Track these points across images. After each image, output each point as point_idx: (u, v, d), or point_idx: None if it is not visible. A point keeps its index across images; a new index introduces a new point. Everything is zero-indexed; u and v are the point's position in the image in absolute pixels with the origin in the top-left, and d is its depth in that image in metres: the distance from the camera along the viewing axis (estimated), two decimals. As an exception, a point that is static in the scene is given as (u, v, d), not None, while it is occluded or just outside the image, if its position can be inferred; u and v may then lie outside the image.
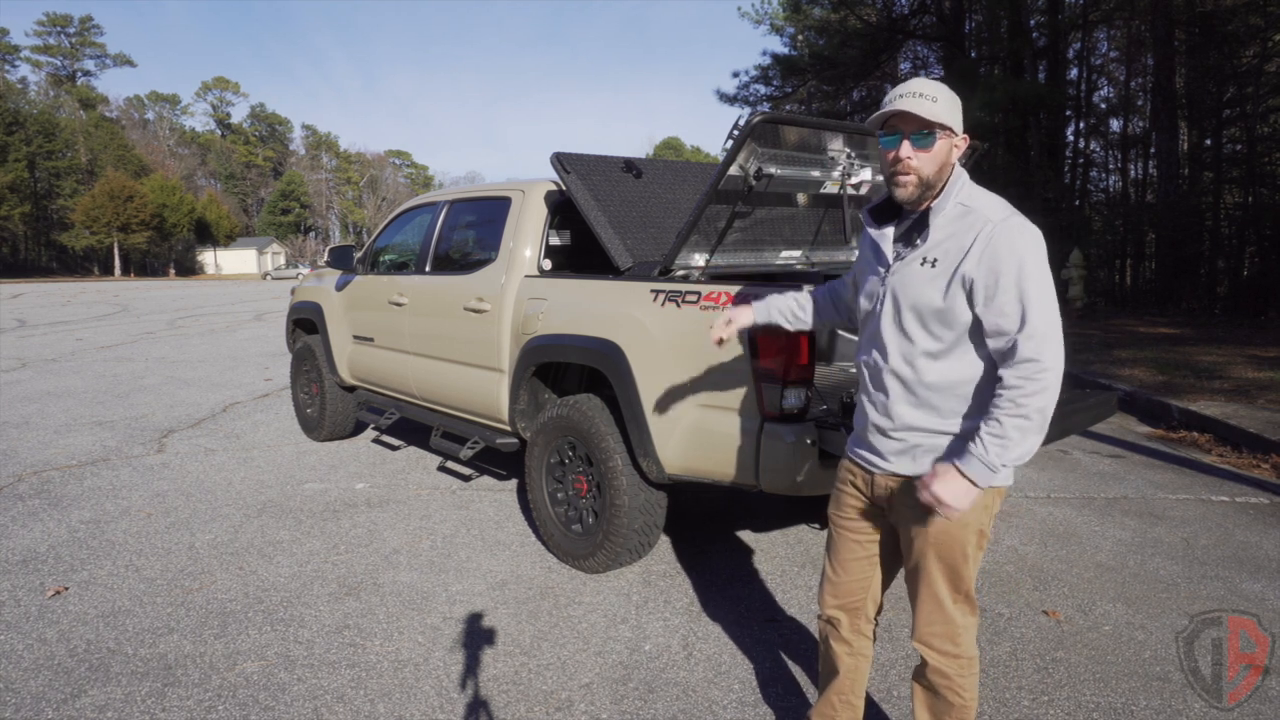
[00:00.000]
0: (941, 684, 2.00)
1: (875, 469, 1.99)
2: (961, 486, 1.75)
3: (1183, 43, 17.47)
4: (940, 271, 1.79)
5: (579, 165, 3.99)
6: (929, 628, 1.99)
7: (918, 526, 1.92)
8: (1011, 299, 1.72)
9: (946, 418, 1.86)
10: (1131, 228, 18.91)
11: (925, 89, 1.80)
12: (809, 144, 3.65)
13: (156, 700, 2.69)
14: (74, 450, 5.95)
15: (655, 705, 2.66)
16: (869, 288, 1.98)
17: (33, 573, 3.73)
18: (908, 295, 1.84)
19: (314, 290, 6.12)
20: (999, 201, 1.84)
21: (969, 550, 1.91)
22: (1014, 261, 1.72)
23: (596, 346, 3.53)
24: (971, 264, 1.74)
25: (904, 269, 1.86)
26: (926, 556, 1.93)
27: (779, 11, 22.95)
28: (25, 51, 79.29)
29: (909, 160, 1.80)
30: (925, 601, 1.98)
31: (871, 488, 2.01)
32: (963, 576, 1.93)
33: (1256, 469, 5.35)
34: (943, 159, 1.81)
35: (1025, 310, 1.71)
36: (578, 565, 3.72)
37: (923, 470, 1.88)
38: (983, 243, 1.74)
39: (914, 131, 1.79)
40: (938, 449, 1.88)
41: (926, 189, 1.83)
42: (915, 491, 1.86)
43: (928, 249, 1.83)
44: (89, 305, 23.63)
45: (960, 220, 1.80)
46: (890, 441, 1.93)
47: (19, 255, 65.08)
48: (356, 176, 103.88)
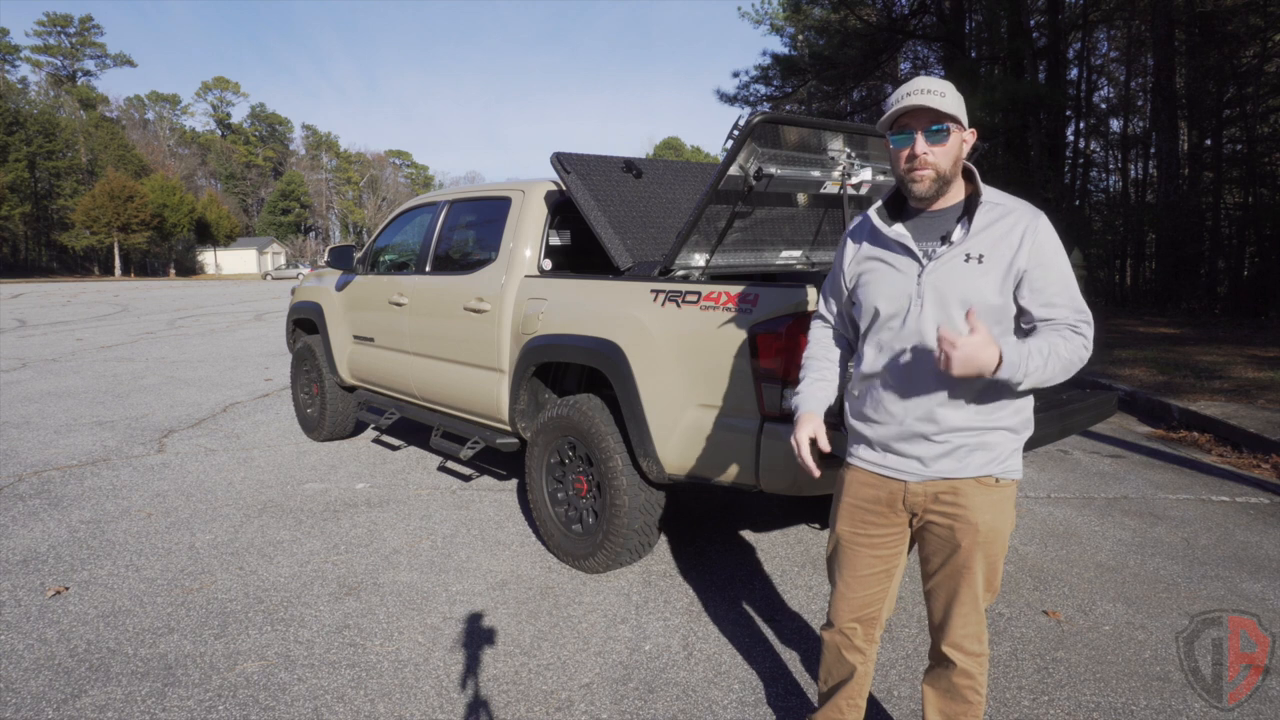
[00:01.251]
0: (965, 685, 1.99)
1: (910, 478, 1.92)
2: (987, 355, 1.66)
3: (1183, 43, 17.47)
4: (989, 267, 1.79)
5: (579, 165, 3.99)
6: (964, 629, 1.96)
7: (965, 529, 1.88)
8: (1059, 290, 1.80)
9: (991, 413, 1.85)
10: (1132, 228, 18.89)
11: (933, 85, 1.80)
12: (809, 144, 3.65)
13: (156, 700, 2.69)
14: (74, 450, 5.95)
15: (655, 705, 2.66)
16: (890, 289, 1.89)
17: (33, 573, 3.73)
18: (955, 291, 1.80)
19: (314, 290, 6.12)
20: (1020, 199, 1.88)
21: (1007, 544, 1.95)
22: (1058, 256, 1.81)
23: (596, 346, 3.53)
24: (1024, 259, 1.78)
25: (943, 266, 1.82)
26: (974, 556, 1.90)
27: (779, 11, 22.97)
28: (25, 51, 79.50)
29: (925, 155, 1.80)
30: (964, 603, 1.94)
31: (904, 498, 1.94)
32: (998, 571, 1.96)
33: (1257, 469, 5.35)
34: (956, 153, 1.83)
35: (1072, 298, 1.81)
36: (578, 565, 3.72)
37: (967, 471, 1.87)
38: (1030, 238, 1.79)
39: (928, 126, 1.80)
40: (983, 445, 1.86)
41: (944, 184, 1.84)
42: (961, 494, 1.87)
43: (970, 245, 1.81)
44: (89, 305, 23.63)
45: (1000, 218, 1.82)
46: (932, 445, 1.87)
47: (19, 255, 65.08)
48: (356, 176, 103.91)
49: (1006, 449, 1.88)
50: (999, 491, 1.89)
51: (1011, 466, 1.90)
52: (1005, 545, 1.93)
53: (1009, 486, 1.91)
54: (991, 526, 1.88)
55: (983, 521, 1.87)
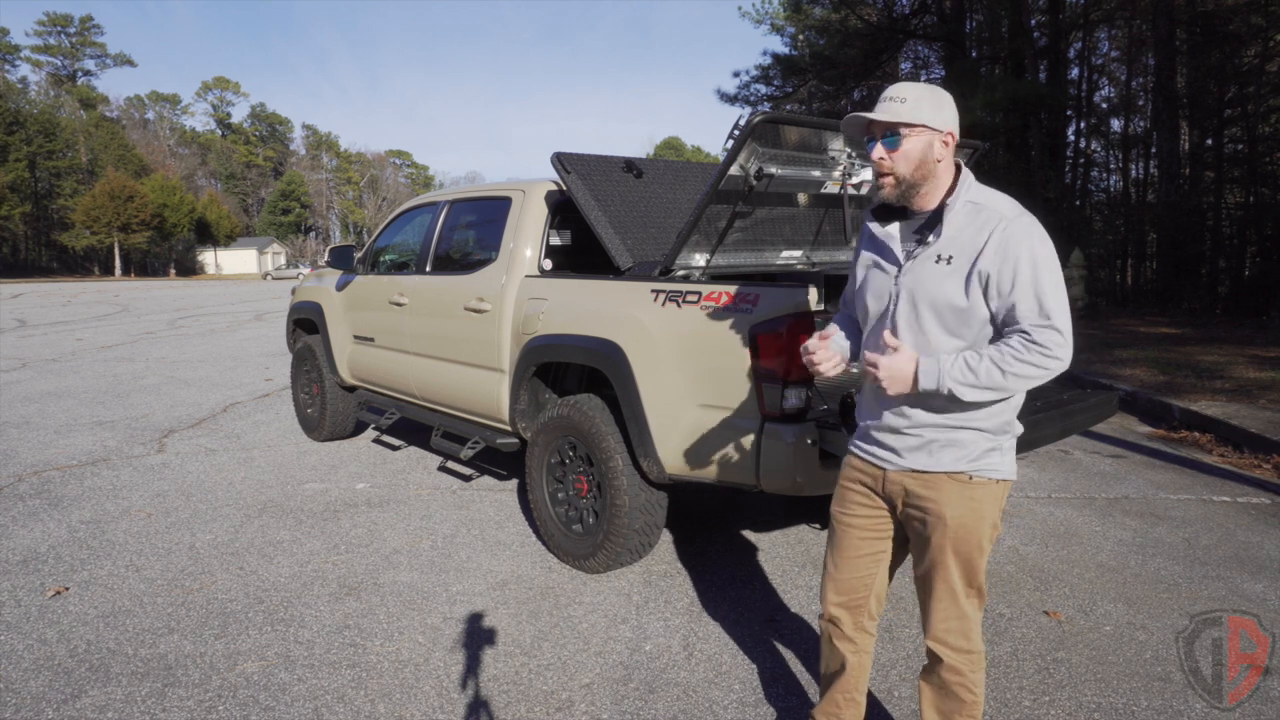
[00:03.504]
0: (954, 681, 2.01)
1: (888, 465, 1.99)
2: (905, 369, 1.80)
3: (1184, 42, 17.46)
4: (956, 268, 1.82)
5: (579, 165, 3.99)
6: (944, 624, 2.00)
7: (935, 522, 1.93)
8: (1028, 295, 1.76)
9: (961, 412, 1.88)
10: (1132, 227, 18.89)
11: (895, 93, 1.86)
12: (809, 144, 3.65)
13: (156, 700, 2.69)
14: (74, 450, 5.95)
15: (655, 705, 2.65)
16: (876, 287, 1.97)
17: (33, 573, 3.73)
18: (924, 292, 1.86)
19: (314, 290, 6.12)
20: (1009, 200, 1.88)
21: (984, 543, 1.94)
22: (1029, 258, 1.76)
23: (597, 346, 3.53)
24: (987, 260, 1.78)
25: (917, 267, 1.88)
26: (944, 551, 1.94)
27: (780, 11, 22.96)
28: (25, 51, 79.42)
29: (882, 161, 1.87)
30: (941, 598, 1.99)
31: (883, 484, 2.02)
32: (977, 569, 1.96)
33: (1258, 469, 5.35)
34: (918, 157, 1.85)
35: (1042, 304, 1.76)
36: (578, 565, 3.72)
37: (939, 466, 1.91)
38: (998, 239, 1.78)
39: (884, 134, 1.87)
40: (955, 442, 1.90)
41: (908, 188, 1.88)
42: (933, 487, 1.92)
43: (941, 246, 1.85)
44: (89, 305, 23.64)
45: (973, 218, 1.84)
46: (906, 438, 1.94)
47: (19, 255, 65.08)
48: (357, 176, 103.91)
49: (980, 448, 1.90)
50: (972, 489, 1.91)
51: (986, 465, 1.91)
52: (982, 544, 1.93)
53: (986, 485, 1.91)
54: (961, 522, 1.91)
55: (952, 516, 1.90)
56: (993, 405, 1.88)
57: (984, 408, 1.88)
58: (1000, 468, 1.92)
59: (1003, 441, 1.93)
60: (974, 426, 1.89)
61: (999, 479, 1.93)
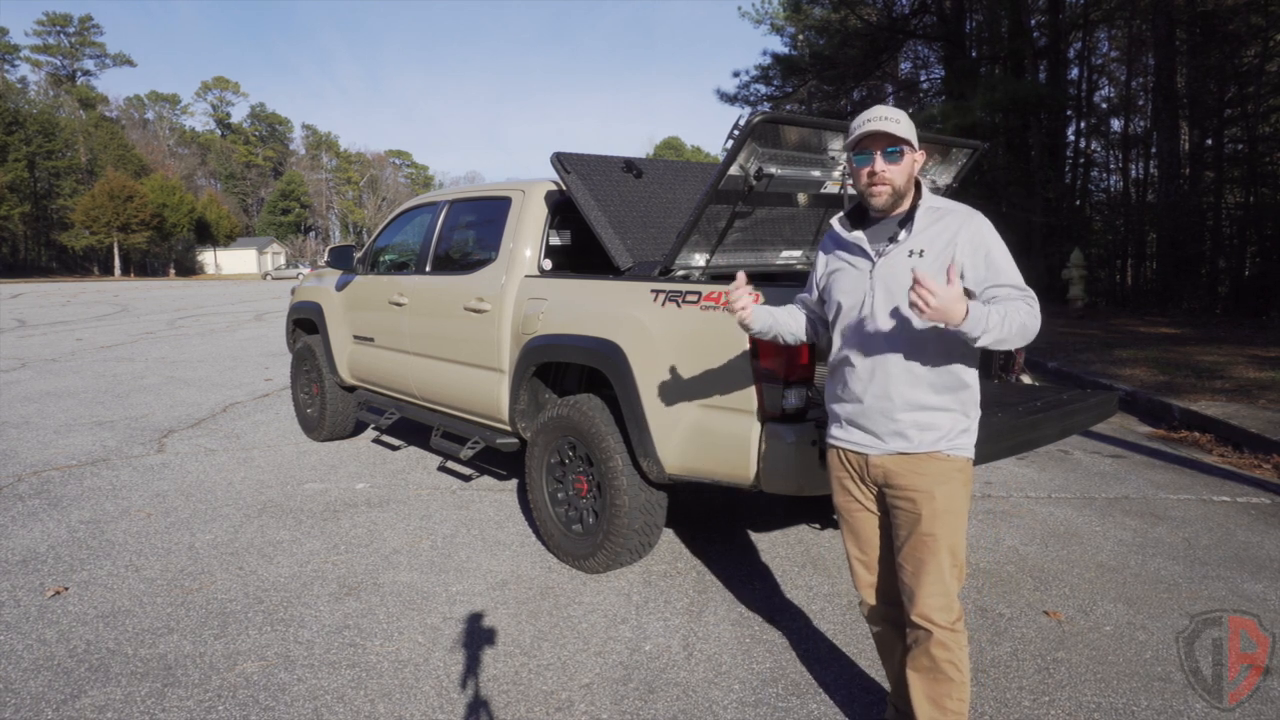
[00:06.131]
0: (943, 658, 2.09)
1: (870, 451, 2.15)
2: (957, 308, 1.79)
3: (1184, 42, 17.46)
4: (929, 259, 2.03)
5: (579, 165, 3.98)
6: (931, 600, 2.09)
7: (925, 500, 2.07)
8: (1001, 270, 2.02)
9: (942, 393, 2.08)
10: (1132, 227, 18.90)
11: (889, 114, 2.07)
12: (809, 144, 3.64)
13: (156, 700, 2.69)
14: (74, 450, 5.95)
15: (655, 705, 2.65)
16: (849, 284, 2.16)
17: (32, 573, 3.73)
18: (900, 282, 2.01)
19: (314, 290, 6.12)
20: (960, 203, 2.16)
21: (965, 518, 2.14)
22: (996, 245, 2.05)
23: (597, 346, 3.53)
24: (963, 251, 2.03)
25: (891, 261, 2.09)
26: (934, 528, 2.07)
27: (779, 11, 22.94)
28: (25, 51, 79.40)
29: (883, 173, 2.07)
30: (929, 573, 2.09)
31: (866, 470, 2.18)
32: (961, 543, 2.12)
33: (1258, 469, 5.35)
34: (909, 170, 2.11)
35: (1010, 277, 2.02)
36: (578, 565, 3.72)
37: (921, 447, 2.08)
38: (967, 233, 2.05)
39: (885, 148, 2.06)
40: (935, 425, 2.08)
41: (899, 197, 2.12)
42: (917, 468, 2.07)
43: (912, 243, 2.07)
44: (89, 305, 23.63)
45: (936, 220, 2.08)
46: (889, 422, 2.10)
47: (19, 255, 65.07)
48: (356, 176, 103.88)
49: (956, 428, 2.10)
50: (950, 464, 2.09)
51: (960, 445, 2.10)
52: (963, 523, 2.12)
53: (959, 462, 2.10)
54: (949, 496, 2.08)
55: (940, 492, 2.07)
56: (968, 387, 2.10)
57: (961, 391, 2.09)
58: (969, 447, 2.13)
59: (972, 423, 2.14)
60: (951, 408, 2.09)
61: (968, 457, 2.13)
